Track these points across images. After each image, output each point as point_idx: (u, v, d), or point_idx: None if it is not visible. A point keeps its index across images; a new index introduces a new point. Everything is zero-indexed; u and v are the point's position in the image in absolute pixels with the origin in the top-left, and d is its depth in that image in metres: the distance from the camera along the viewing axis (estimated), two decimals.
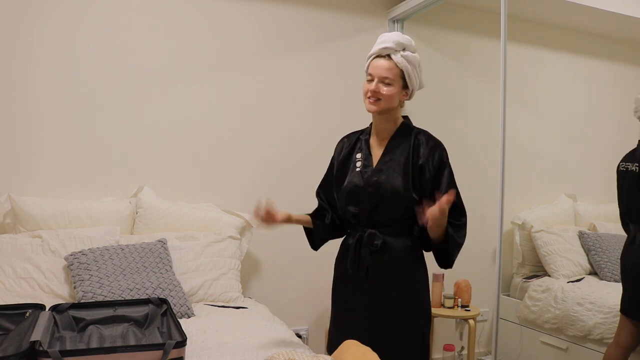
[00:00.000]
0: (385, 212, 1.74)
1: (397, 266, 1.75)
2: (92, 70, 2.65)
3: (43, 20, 2.56)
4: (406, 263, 1.76)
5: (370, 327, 1.76)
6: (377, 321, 1.76)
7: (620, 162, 2.30)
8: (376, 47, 1.73)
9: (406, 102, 1.83)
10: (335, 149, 1.95)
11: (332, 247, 1.96)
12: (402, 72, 1.71)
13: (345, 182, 1.82)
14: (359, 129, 1.93)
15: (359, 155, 1.83)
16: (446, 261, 1.78)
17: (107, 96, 2.68)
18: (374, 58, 1.74)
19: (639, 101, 2.26)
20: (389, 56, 1.71)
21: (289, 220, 1.84)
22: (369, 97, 1.73)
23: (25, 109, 2.54)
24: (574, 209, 3.05)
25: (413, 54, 1.73)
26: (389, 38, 1.72)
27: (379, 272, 1.75)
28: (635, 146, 2.27)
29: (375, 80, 1.71)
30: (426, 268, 1.83)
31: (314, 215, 1.94)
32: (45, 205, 2.43)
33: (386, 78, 1.70)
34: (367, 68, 1.76)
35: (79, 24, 2.62)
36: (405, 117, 1.84)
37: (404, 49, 1.72)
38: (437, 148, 1.76)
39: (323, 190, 1.96)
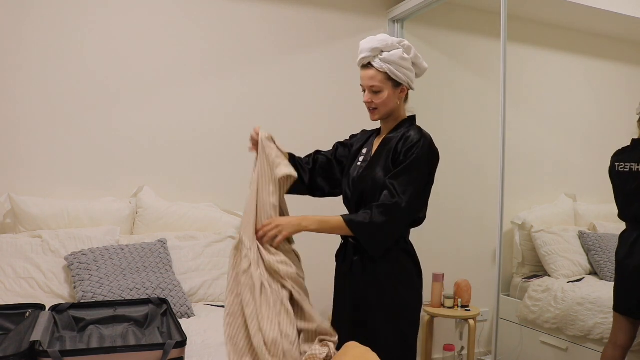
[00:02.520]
0: (368, 204, 1.74)
1: (379, 262, 1.72)
2: (93, 70, 2.65)
3: (42, 20, 2.56)
4: (387, 261, 1.73)
5: (353, 320, 1.76)
6: (359, 316, 1.75)
7: (617, 163, 2.29)
8: (358, 59, 1.75)
9: (410, 99, 1.84)
10: (357, 135, 1.98)
11: (333, 245, 1.95)
12: (386, 74, 1.71)
13: (344, 175, 1.88)
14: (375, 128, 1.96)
15: (364, 150, 1.87)
16: (369, 247, 1.69)
17: (107, 96, 2.68)
18: (361, 70, 1.77)
19: None
20: (370, 64, 1.73)
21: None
22: (368, 109, 1.79)
23: (25, 109, 2.54)
24: (574, 209, 3.05)
25: (390, 53, 1.70)
26: (363, 47, 1.73)
27: (361, 267, 1.75)
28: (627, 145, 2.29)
29: (366, 91, 1.75)
30: (415, 267, 1.78)
31: (295, 159, 1.91)
32: (45, 205, 2.43)
33: (373, 86, 1.72)
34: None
35: (80, 23, 2.63)
36: (411, 117, 1.83)
37: (381, 52, 1.71)
38: (417, 140, 1.71)
39: (323, 157, 1.96)
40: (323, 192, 1.95)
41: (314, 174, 1.92)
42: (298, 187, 1.85)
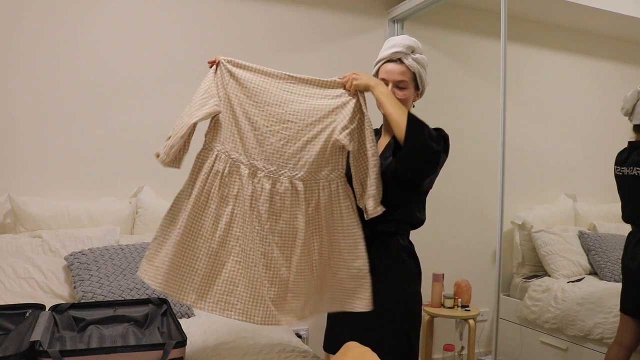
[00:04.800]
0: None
1: (381, 260, 1.72)
2: (92, 70, 2.65)
3: (43, 21, 2.56)
4: (392, 258, 1.73)
5: (353, 320, 1.75)
6: (360, 315, 1.74)
7: (616, 166, 2.30)
8: (386, 52, 1.75)
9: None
10: None
11: None
12: (414, 74, 1.74)
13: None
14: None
15: None
16: (406, 156, 1.60)
17: (107, 96, 2.68)
18: (384, 62, 1.76)
19: (627, 99, 2.27)
20: (400, 60, 1.73)
21: None
22: None
23: (25, 110, 2.54)
24: (574, 209, 3.05)
25: (422, 56, 1.76)
26: (398, 42, 1.74)
27: None
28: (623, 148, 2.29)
29: (390, 84, 1.73)
30: (416, 267, 1.78)
31: None
32: (45, 205, 2.43)
33: (401, 82, 1.73)
34: (377, 73, 1.78)
35: (79, 24, 2.63)
36: None
37: (413, 52, 1.74)
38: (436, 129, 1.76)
39: None
40: None
41: None
42: None
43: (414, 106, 1.83)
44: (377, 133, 1.90)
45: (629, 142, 2.29)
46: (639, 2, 2.64)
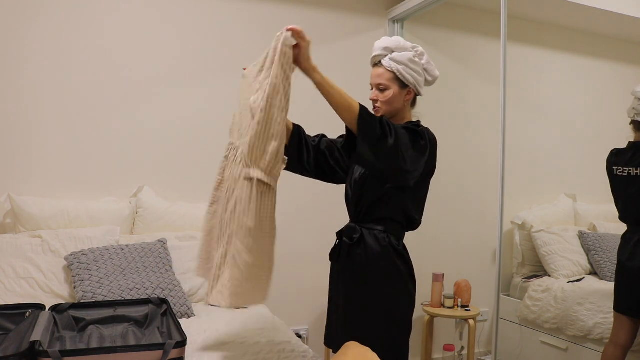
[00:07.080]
0: (364, 206, 1.76)
1: (369, 263, 1.72)
2: (92, 70, 2.65)
3: (42, 21, 2.56)
4: (379, 263, 1.72)
5: (345, 320, 1.76)
6: (350, 316, 1.75)
7: (614, 167, 2.30)
8: (370, 59, 1.80)
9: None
10: None
11: (329, 244, 1.95)
12: (394, 74, 1.73)
13: (349, 175, 1.87)
14: None
15: None
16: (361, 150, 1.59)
17: (107, 96, 2.68)
18: (372, 69, 1.80)
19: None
20: (380, 63, 1.77)
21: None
22: (373, 106, 1.79)
23: (25, 109, 2.54)
24: (574, 209, 3.05)
25: (401, 54, 1.74)
26: (376, 46, 1.77)
27: (351, 266, 1.76)
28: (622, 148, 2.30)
29: (373, 89, 1.78)
30: (407, 270, 1.76)
31: (300, 132, 1.93)
32: (45, 205, 2.43)
33: (380, 84, 1.75)
34: None
35: (79, 25, 2.63)
36: (416, 121, 1.83)
37: (392, 52, 1.75)
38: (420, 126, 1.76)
39: (329, 140, 1.95)
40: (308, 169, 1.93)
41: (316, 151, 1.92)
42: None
43: (413, 107, 1.83)
44: None
45: (630, 142, 2.28)
46: (639, 2, 2.65)
